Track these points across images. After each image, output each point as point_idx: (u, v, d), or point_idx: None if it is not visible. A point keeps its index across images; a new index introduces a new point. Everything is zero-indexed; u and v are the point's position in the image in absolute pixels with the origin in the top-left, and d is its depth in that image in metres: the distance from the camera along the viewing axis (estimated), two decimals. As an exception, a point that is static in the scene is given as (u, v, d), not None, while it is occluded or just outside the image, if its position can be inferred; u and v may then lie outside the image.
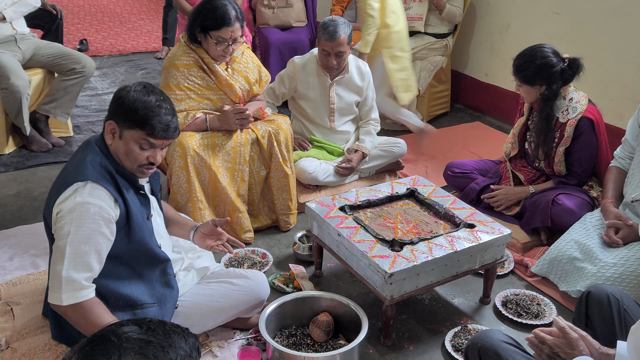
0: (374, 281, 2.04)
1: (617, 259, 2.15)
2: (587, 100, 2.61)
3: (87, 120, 4.06)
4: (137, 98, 1.68)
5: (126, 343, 0.89)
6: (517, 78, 2.57)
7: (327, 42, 2.86)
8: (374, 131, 3.18)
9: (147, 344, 0.90)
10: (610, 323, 1.47)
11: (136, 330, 0.92)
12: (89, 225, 1.62)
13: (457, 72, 4.47)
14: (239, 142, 2.62)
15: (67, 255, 1.62)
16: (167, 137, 1.72)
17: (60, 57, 3.46)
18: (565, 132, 2.58)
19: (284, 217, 2.80)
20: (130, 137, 1.70)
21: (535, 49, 2.54)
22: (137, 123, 1.68)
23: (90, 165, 1.67)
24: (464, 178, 2.91)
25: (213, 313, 1.96)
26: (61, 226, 1.64)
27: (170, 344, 0.92)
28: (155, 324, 0.94)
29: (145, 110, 1.67)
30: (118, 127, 1.70)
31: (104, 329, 0.92)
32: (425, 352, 2.08)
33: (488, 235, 2.16)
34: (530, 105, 2.74)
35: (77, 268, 1.63)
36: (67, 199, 1.64)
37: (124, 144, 1.70)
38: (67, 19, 6.71)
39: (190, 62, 2.58)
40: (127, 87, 1.73)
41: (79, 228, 1.61)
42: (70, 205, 1.63)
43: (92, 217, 1.62)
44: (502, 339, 1.37)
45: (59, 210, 1.66)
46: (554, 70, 2.50)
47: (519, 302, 2.28)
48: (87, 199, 1.63)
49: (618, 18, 3.34)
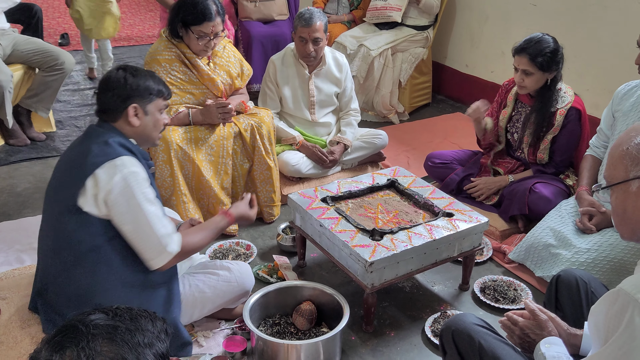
0: (355, 270, 2.09)
1: (591, 245, 2.23)
2: (573, 92, 2.68)
3: (70, 115, 4.05)
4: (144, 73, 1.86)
5: (94, 330, 0.93)
6: (534, 64, 2.52)
7: (304, 28, 2.90)
8: (355, 122, 3.22)
9: (115, 329, 0.94)
10: (579, 305, 1.53)
11: (103, 318, 0.96)
12: (146, 189, 1.77)
13: (438, 64, 4.52)
14: (222, 135, 2.65)
15: (150, 219, 1.75)
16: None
17: (40, 53, 3.45)
18: (555, 121, 2.64)
19: (268, 209, 2.84)
20: (155, 108, 1.87)
21: (541, 35, 2.58)
22: (156, 93, 1.86)
23: (114, 144, 1.77)
24: (444, 168, 2.97)
25: (199, 303, 2.00)
26: (125, 202, 1.72)
27: (138, 328, 0.96)
28: (122, 310, 0.98)
29: (154, 80, 1.87)
30: (141, 107, 1.83)
31: (71, 319, 0.96)
32: (405, 338, 2.14)
33: (466, 224, 2.22)
34: (516, 97, 2.79)
35: (162, 223, 1.78)
36: (112, 178, 1.71)
37: (152, 117, 1.87)
38: (48, 13, 6.65)
39: (172, 57, 2.60)
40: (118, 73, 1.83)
41: (141, 194, 1.75)
42: (119, 181, 1.72)
43: (143, 181, 1.77)
44: (474, 322, 1.43)
45: (108, 191, 1.71)
46: (562, 56, 2.57)
47: (497, 288, 2.35)
48: (133, 169, 1.75)
49: (593, 9, 3.41)
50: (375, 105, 4.06)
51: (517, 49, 2.60)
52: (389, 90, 4.00)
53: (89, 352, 0.89)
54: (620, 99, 2.41)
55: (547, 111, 2.64)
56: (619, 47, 3.28)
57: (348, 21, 4.28)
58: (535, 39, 2.57)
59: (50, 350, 0.90)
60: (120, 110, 1.81)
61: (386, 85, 3.98)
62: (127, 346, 0.93)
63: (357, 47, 3.95)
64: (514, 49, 2.61)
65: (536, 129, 2.68)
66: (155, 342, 0.97)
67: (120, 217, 1.74)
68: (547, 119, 2.66)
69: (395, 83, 4.03)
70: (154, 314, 1.01)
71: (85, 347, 0.91)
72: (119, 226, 1.76)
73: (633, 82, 2.41)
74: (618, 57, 3.30)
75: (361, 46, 3.94)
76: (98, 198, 1.73)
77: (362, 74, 3.95)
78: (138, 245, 1.78)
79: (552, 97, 2.62)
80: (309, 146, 3.04)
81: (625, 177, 1.14)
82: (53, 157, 3.47)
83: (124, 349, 0.91)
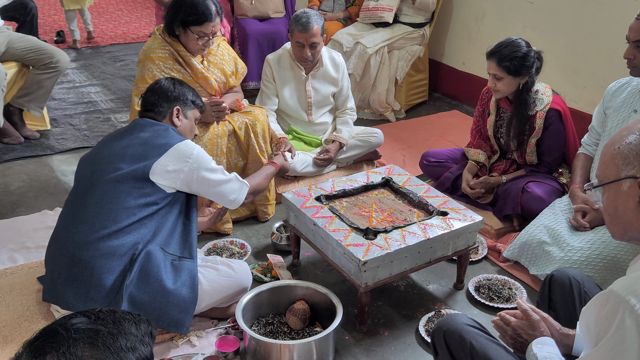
0: (349, 269, 2.08)
1: (584, 243, 2.22)
2: (551, 91, 2.67)
3: (65, 113, 4.04)
4: (185, 85, 2.18)
5: (75, 334, 0.91)
6: (502, 69, 2.52)
7: (301, 33, 2.88)
8: (350, 121, 3.21)
9: (96, 333, 0.92)
10: (572, 305, 1.52)
11: (85, 321, 0.94)
12: (208, 157, 2.07)
13: (435, 61, 4.51)
14: (216, 134, 2.63)
15: (220, 174, 2.08)
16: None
17: (34, 51, 3.43)
18: (535, 124, 2.63)
19: (263, 208, 2.82)
20: (192, 115, 2.19)
21: (514, 39, 2.57)
22: (195, 104, 2.19)
23: (172, 131, 2.07)
24: (439, 167, 2.96)
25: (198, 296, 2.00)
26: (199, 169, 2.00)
27: (120, 331, 0.94)
28: (104, 313, 0.97)
29: (194, 93, 2.20)
30: (182, 110, 2.13)
31: (52, 323, 0.94)
32: (399, 337, 2.13)
33: (460, 223, 2.21)
34: (497, 103, 2.78)
35: (225, 172, 2.13)
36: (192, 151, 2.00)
37: (189, 122, 2.18)
38: (44, 10, 6.63)
39: (166, 55, 2.59)
40: (167, 81, 2.16)
41: (210, 161, 2.06)
42: (199, 153, 2.02)
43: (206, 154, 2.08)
44: (466, 322, 1.42)
45: (190, 164, 1.98)
46: (534, 60, 2.55)
47: (491, 286, 2.35)
48: (198, 147, 2.05)
49: (590, 7, 3.40)
50: (371, 103, 4.05)
51: (487, 53, 2.59)
52: (385, 88, 3.98)
53: (69, 357, 0.88)
54: (611, 96, 2.40)
55: (525, 115, 2.63)
56: (616, 45, 3.26)
57: (344, 18, 4.27)
58: (505, 43, 2.55)
59: (31, 355, 0.89)
60: (167, 110, 2.10)
61: (382, 83, 3.97)
62: (108, 351, 0.92)
63: (354, 44, 3.94)
64: (486, 53, 2.59)
65: (518, 134, 2.67)
66: (138, 345, 0.96)
67: (200, 182, 2.02)
68: (527, 123, 2.64)
69: (391, 81, 4.01)
70: (139, 316, 0.99)
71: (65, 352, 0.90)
72: (200, 189, 2.04)
73: (623, 79, 2.40)
74: (615, 55, 3.29)
75: (357, 44, 3.92)
76: (173, 172, 1.95)
77: (359, 72, 3.93)
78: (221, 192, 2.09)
79: (527, 101, 2.60)
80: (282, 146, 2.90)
81: (616, 176, 1.13)
82: (47, 155, 3.45)
83: (106, 354, 0.90)
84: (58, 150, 3.49)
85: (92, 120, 3.95)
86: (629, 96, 2.33)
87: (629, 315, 0.99)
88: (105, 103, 4.25)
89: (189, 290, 1.95)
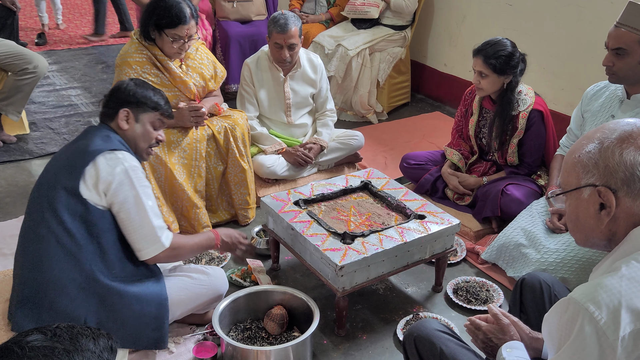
0: (326, 274, 2.09)
1: (559, 245, 2.24)
2: (534, 92, 2.70)
3: (44, 117, 4.00)
4: (145, 87, 1.99)
5: (30, 352, 0.90)
6: (488, 66, 2.55)
7: (279, 34, 2.88)
8: (331, 123, 3.21)
9: (52, 351, 0.91)
10: (542, 308, 1.54)
11: (40, 339, 0.93)
12: (145, 183, 1.88)
13: (417, 63, 4.53)
14: (195, 138, 2.63)
15: (148, 210, 1.85)
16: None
17: (12, 56, 3.39)
18: (518, 124, 2.66)
19: (243, 212, 2.82)
20: (147, 119, 1.97)
21: (500, 39, 2.61)
22: (153, 107, 1.98)
23: (115, 140, 1.90)
24: (419, 169, 2.97)
25: (172, 306, 1.98)
26: (125, 192, 1.82)
27: (77, 348, 0.93)
28: (61, 329, 0.96)
29: (157, 96, 2.01)
30: (132, 113, 1.94)
31: (7, 341, 0.93)
32: (378, 341, 2.14)
33: (437, 226, 2.22)
34: (480, 103, 2.80)
35: (157, 216, 1.89)
36: (113, 170, 1.81)
37: (142, 126, 1.97)
38: (24, 12, 6.55)
39: (144, 60, 2.57)
40: (125, 82, 1.99)
41: (141, 187, 1.86)
42: (120, 174, 1.82)
43: (143, 176, 1.89)
44: (436, 327, 1.43)
45: (109, 182, 1.81)
46: (519, 61, 2.58)
47: (469, 289, 2.36)
48: (134, 163, 1.87)
49: (568, 9, 3.43)
50: (353, 105, 4.05)
51: (474, 50, 2.63)
52: (367, 90, 3.99)
53: None
54: (589, 99, 2.43)
55: (508, 115, 2.65)
56: (594, 47, 3.30)
57: (326, 20, 4.27)
58: (492, 42, 2.59)
59: None
60: (114, 112, 1.94)
61: (364, 85, 3.98)
62: None
63: (335, 47, 3.94)
64: (473, 50, 2.63)
65: (500, 134, 2.70)
66: None
67: (120, 206, 1.83)
68: (510, 123, 2.67)
69: (373, 83, 4.02)
70: (98, 331, 0.99)
71: None
72: (118, 214, 1.84)
73: (601, 83, 2.43)
74: (593, 57, 3.32)
75: (339, 46, 3.93)
76: (98, 187, 1.81)
77: (340, 74, 3.94)
78: (134, 233, 1.86)
79: (511, 101, 2.63)
80: (292, 152, 3.02)
81: (577, 184, 1.15)
82: (25, 160, 3.42)
83: None
84: (37, 155, 3.46)
85: (72, 123, 3.91)
86: (607, 101, 2.36)
87: (587, 323, 1.00)
88: (86, 106, 4.22)
89: (157, 308, 1.91)
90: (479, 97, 2.78)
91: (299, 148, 3.04)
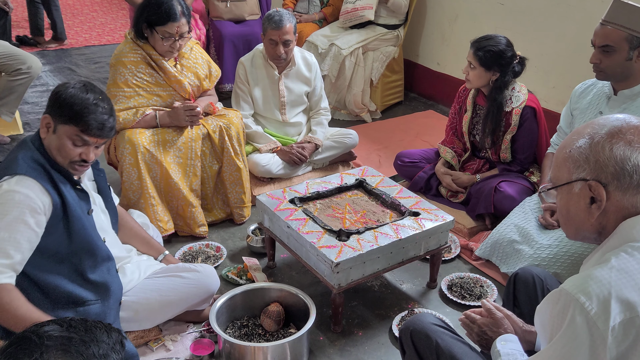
0: (322, 271, 2.10)
1: (552, 241, 2.27)
2: (527, 90, 2.73)
3: (38, 117, 3.99)
4: (74, 94, 1.71)
5: (48, 341, 0.93)
6: (476, 58, 2.61)
7: (274, 30, 2.90)
8: (325, 121, 3.23)
9: (69, 340, 0.94)
10: (535, 302, 1.55)
11: (57, 329, 0.96)
12: (13, 213, 1.62)
13: (410, 62, 4.56)
14: (190, 137, 2.64)
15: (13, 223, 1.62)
16: (102, 135, 1.74)
17: (5, 56, 3.38)
18: (511, 121, 2.69)
19: (238, 210, 2.84)
20: (64, 132, 1.71)
21: (497, 35, 2.65)
22: (72, 118, 1.69)
23: (21, 160, 1.68)
24: (412, 167, 3.00)
25: (162, 307, 2.00)
26: None
27: (92, 339, 0.96)
28: (76, 321, 0.98)
29: (82, 106, 1.69)
30: (53, 122, 1.72)
31: (26, 330, 0.95)
32: (373, 337, 2.16)
33: (432, 223, 2.25)
34: (474, 100, 2.83)
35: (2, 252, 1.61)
36: None
37: (57, 139, 1.71)
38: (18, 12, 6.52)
39: (138, 59, 2.58)
40: (67, 84, 1.76)
41: (1, 215, 1.62)
42: None
43: (16, 204, 1.63)
44: (432, 321, 1.46)
45: None
46: (509, 61, 2.61)
47: (463, 285, 2.39)
48: (14, 187, 1.64)
49: (559, 8, 3.47)
50: (347, 104, 4.08)
51: (471, 41, 2.68)
52: (360, 89, 4.02)
53: None
54: (578, 97, 2.46)
55: (501, 112, 2.69)
56: (584, 46, 3.32)
57: (319, 20, 4.29)
58: (488, 37, 2.65)
59: None
60: None
61: (358, 84, 4.00)
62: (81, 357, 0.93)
63: (329, 46, 3.96)
64: (470, 42, 2.70)
65: (493, 130, 2.73)
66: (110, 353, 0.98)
67: None
68: (503, 119, 2.70)
69: (366, 82, 4.05)
70: (110, 325, 1.01)
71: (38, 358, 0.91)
72: None
73: (589, 81, 2.46)
74: (583, 55, 3.34)
75: (332, 45, 3.95)
76: None
77: (334, 73, 3.96)
78: None
79: (496, 99, 2.66)
80: (286, 150, 3.04)
81: (568, 179, 1.17)
82: (20, 160, 3.41)
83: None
84: (31, 155, 3.45)
85: (66, 124, 3.91)
86: (595, 98, 2.39)
87: (579, 313, 1.03)
88: (80, 106, 4.21)
89: None
90: (473, 94, 2.81)
91: (293, 146, 3.06)
